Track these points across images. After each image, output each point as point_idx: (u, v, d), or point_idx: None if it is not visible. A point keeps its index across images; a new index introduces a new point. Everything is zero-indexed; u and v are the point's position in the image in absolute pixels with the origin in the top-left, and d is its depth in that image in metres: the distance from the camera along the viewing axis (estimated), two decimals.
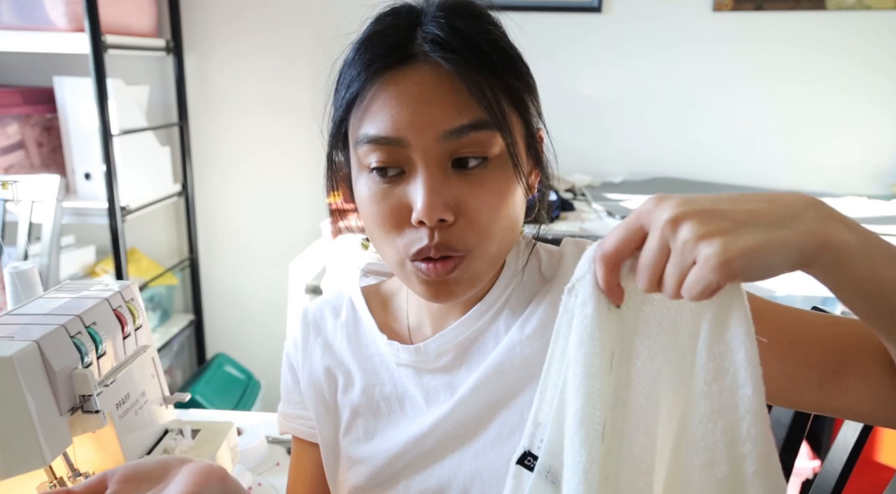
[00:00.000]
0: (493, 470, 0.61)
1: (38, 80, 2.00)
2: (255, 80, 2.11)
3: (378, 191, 0.58)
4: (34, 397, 0.59)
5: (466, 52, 0.55)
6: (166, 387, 0.84)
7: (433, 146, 0.55)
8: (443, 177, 0.56)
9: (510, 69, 0.58)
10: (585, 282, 0.46)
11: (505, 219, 0.58)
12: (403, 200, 0.57)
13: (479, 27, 0.57)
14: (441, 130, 0.54)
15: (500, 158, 0.57)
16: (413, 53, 0.56)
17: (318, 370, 0.72)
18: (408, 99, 0.55)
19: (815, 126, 2.01)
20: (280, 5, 2.05)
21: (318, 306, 0.76)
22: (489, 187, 0.56)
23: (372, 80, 0.56)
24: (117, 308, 0.74)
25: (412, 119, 0.55)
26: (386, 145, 0.56)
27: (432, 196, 0.54)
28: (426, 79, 0.55)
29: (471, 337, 0.66)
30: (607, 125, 2.07)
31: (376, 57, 0.56)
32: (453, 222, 0.56)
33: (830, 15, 1.92)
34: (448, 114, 0.54)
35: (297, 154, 2.15)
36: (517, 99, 0.58)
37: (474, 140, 0.55)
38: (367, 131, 0.57)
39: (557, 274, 0.66)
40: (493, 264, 0.60)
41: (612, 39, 2.00)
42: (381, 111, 0.56)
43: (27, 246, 1.42)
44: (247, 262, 2.26)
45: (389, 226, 0.58)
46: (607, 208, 1.71)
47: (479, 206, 0.56)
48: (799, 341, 0.55)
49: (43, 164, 1.95)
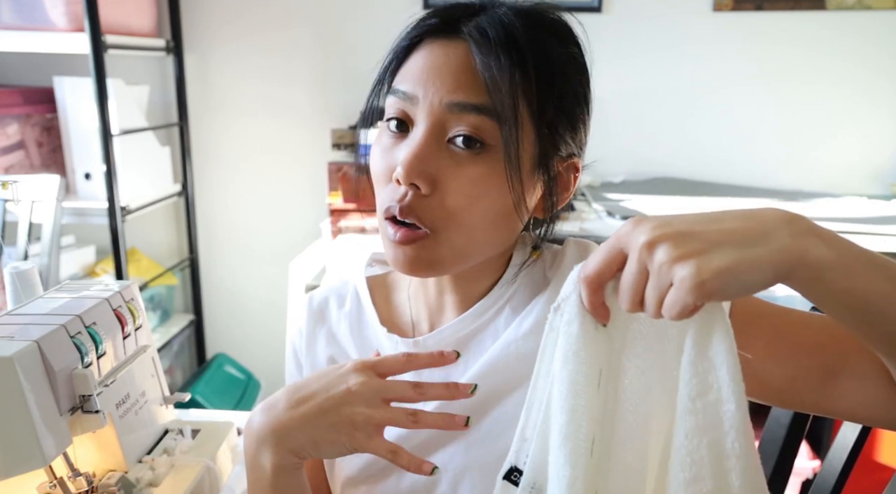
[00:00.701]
0: (483, 465, 0.61)
1: (38, 80, 2.00)
2: (255, 79, 2.11)
3: (384, 143, 0.60)
4: (34, 397, 0.59)
5: (502, 45, 0.56)
6: (166, 387, 0.84)
7: (435, 110, 0.57)
8: (434, 145, 0.57)
9: (548, 79, 0.58)
10: (571, 302, 0.47)
11: (482, 213, 0.58)
12: (398, 156, 0.58)
13: (534, 32, 0.58)
14: (445, 99, 0.56)
15: (496, 153, 0.57)
16: (459, 31, 0.58)
17: (322, 359, 0.72)
18: (432, 65, 0.58)
19: (815, 126, 2.01)
20: (280, 5, 2.05)
21: (324, 294, 0.76)
22: (473, 173, 0.57)
23: (419, 42, 0.60)
24: (117, 308, 0.74)
25: (428, 79, 0.57)
26: (402, 98, 0.58)
27: (414, 159, 0.56)
28: (456, 53, 0.57)
29: (470, 333, 0.66)
30: (607, 125, 2.06)
31: (430, 24, 0.60)
32: (428, 195, 0.57)
33: (830, 15, 1.92)
34: (457, 88, 0.56)
35: (297, 154, 2.15)
36: (540, 108, 0.58)
37: (474, 122, 0.56)
38: (396, 85, 0.60)
39: (558, 274, 0.66)
40: (461, 254, 0.60)
41: (612, 39, 2.00)
42: (411, 69, 0.59)
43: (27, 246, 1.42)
44: (247, 262, 2.26)
45: (382, 180, 0.60)
46: (607, 208, 1.71)
47: (455, 187, 0.57)
48: (798, 344, 0.55)
49: (43, 164, 1.95)
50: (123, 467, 0.73)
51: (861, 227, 1.55)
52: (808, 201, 1.84)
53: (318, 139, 2.10)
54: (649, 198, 1.81)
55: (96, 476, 0.72)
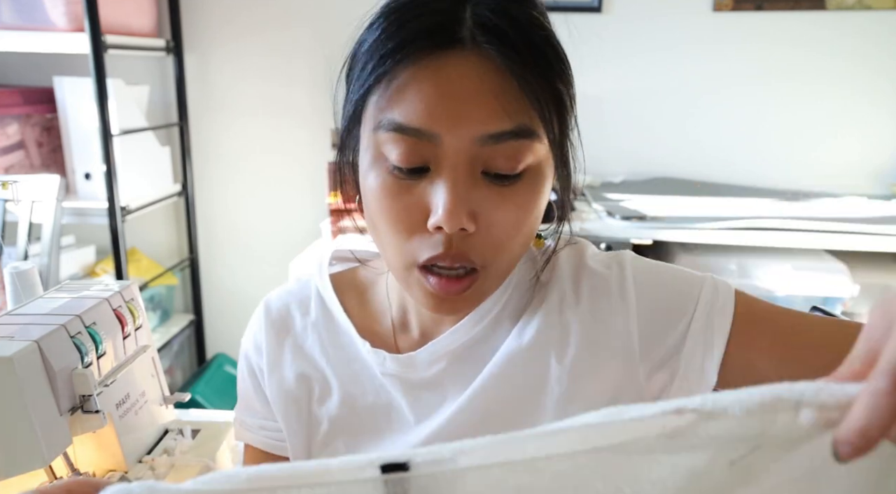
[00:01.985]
0: None
1: (38, 80, 2.00)
2: (255, 80, 2.11)
3: (393, 185, 0.51)
4: (34, 397, 0.59)
5: (521, 45, 0.48)
6: (166, 387, 0.84)
7: (467, 147, 0.49)
8: (471, 183, 0.50)
9: (559, 70, 0.51)
10: (719, 427, 0.31)
11: (525, 235, 0.54)
12: (421, 201, 0.50)
13: (533, 18, 0.50)
14: (480, 132, 0.48)
15: (534, 169, 0.52)
16: (460, 37, 0.48)
17: (289, 377, 0.65)
18: (449, 90, 0.48)
19: (815, 126, 2.01)
20: (280, 5, 2.05)
21: (282, 300, 0.68)
22: (517, 200, 0.51)
23: (407, 61, 0.49)
24: (117, 308, 0.74)
25: (450, 114, 0.48)
26: (414, 137, 0.49)
27: (457, 202, 0.48)
28: (473, 70, 0.48)
29: (465, 345, 0.61)
30: (607, 125, 2.06)
31: (416, 35, 0.48)
32: (473, 233, 0.51)
33: (830, 15, 1.92)
34: (491, 115, 0.48)
35: (297, 154, 2.15)
36: (561, 103, 0.52)
37: (513, 148, 0.49)
38: (394, 117, 0.49)
39: (553, 278, 0.62)
40: (502, 279, 0.57)
41: (612, 39, 2.00)
42: (416, 99, 0.48)
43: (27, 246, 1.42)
44: (247, 262, 2.26)
45: (400, 226, 0.52)
46: (607, 208, 1.71)
47: (502, 220, 0.51)
48: (801, 345, 0.54)
49: (43, 164, 1.95)
50: (123, 467, 0.73)
51: (861, 227, 1.55)
52: (808, 201, 1.84)
53: (318, 139, 2.10)
54: (649, 198, 1.81)
55: (96, 476, 0.71)
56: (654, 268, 0.62)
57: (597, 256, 0.64)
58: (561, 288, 0.62)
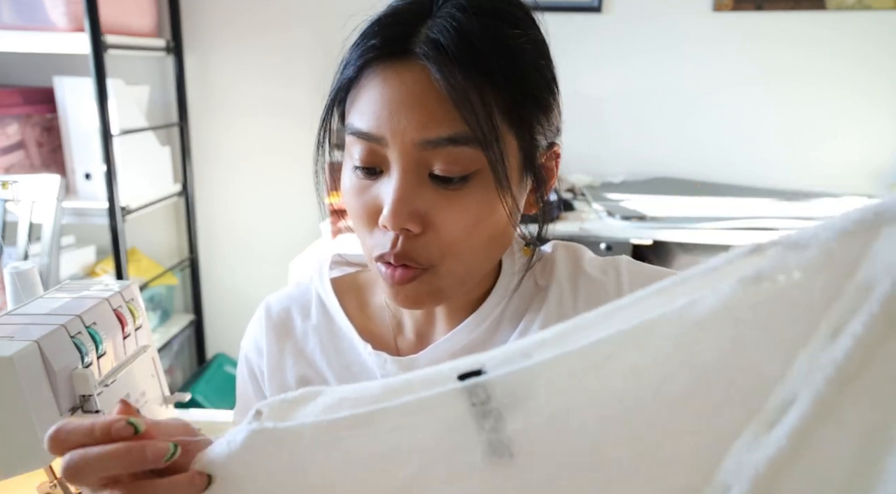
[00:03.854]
0: None
1: (38, 80, 2.00)
2: (255, 80, 2.11)
3: (357, 184, 0.55)
4: (34, 397, 0.58)
5: (464, 58, 0.50)
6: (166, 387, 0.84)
7: (410, 151, 0.52)
8: (416, 185, 0.52)
9: (518, 81, 0.53)
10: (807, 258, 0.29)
11: (479, 238, 0.55)
12: (377, 200, 0.54)
13: (491, 30, 0.52)
14: (418, 138, 0.51)
15: (484, 175, 0.53)
16: (410, 49, 0.52)
17: (291, 380, 0.66)
18: (392, 98, 0.52)
19: (815, 126, 2.01)
20: (280, 6, 2.05)
21: (283, 304, 0.69)
22: (464, 204, 0.53)
23: (366, 68, 0.54)
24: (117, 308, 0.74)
25: (391, 119, 0.52)
26: (367, 141, 0.53)
27: (399, 203, 0.52)
28: (415, 80, 0.51)
29: (466, 348, 0.61)
30: (607, 125, 2.07)
31: (375, 45, 0.53)
32: (420, 233, 0.53)
33: (830, 15, 1.92)
34: (427, 122, 0.51)
35: (297, 154, 2.15)
36: (517, 114, 0.53)
37: (454, 154, 0.51)
38: (353, 121, 0.54)
39: (552, 281, 0.63)
40: (462, 281, 0.57)
41: (612, 39, 2.00)
42: (368, 104, 0.53)
43: (27, 246, 1.42)
44: (247, 262, 2.26)
45: (364, 221, 0.56)
46: (607, 208, 1.71)
47: (449, 223, 0.53)
48: None
49: (43, 164, 1.95)
50: None
51: None
52: (808, 201, 1.84)
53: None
54: (649, 198, 1.81)
55: None
56: (649, 273, 0.62)
57: (594, 261, 0.64)
58: (559, 292, 0.62)
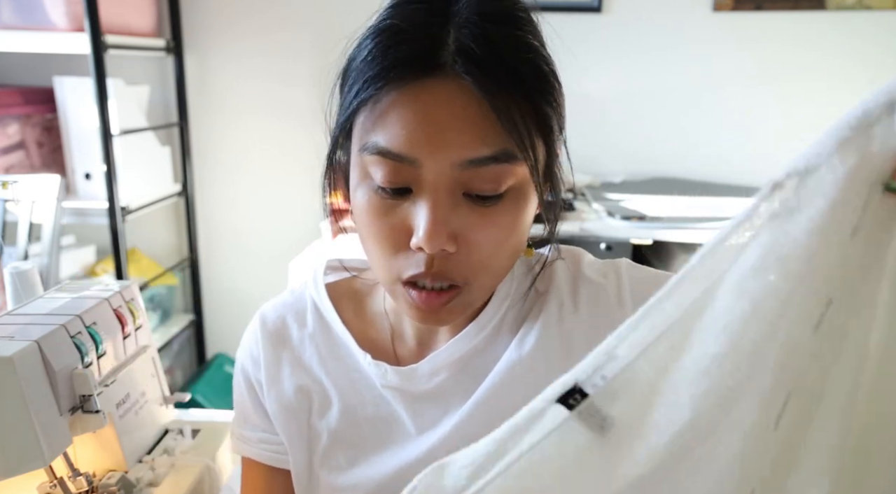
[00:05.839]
0: None
1: (38, 80, 2.00)
2: (256, 80, 2.11)
3: (379, 204, 0.52)
4: (34, 397, 0.59)
5: (501, 71, 0.48)
6: (166, 387, 0.84)
7: (447, 172, 0.49)
8: (451, 205, 0.50)
9: (544, 91, 0.52)
10: (817, 179, 0.28)
11: (508, 251, 0.54)
12: (405, 221, 0.52)
13: (517, 40, 0.51)
14: (460, 158, 0.49)
15: (516, 189, 0.52)
16: (441, 64, 0.49)
17: (289, 390, 0.64)
18: (428, 117, 0.49)
19: (815, 126, 1.99)
20: (281, 6, 2.05)
21: (278, 312, 0.68)
22: (499, 221, 0.52)
23: (390, 87, 0.49)
24: (117, 308, 0.74)
25: (430, 140, 0.49)
26: (396, 161, 0.50)
27: (437, 224, 0.49)
28: (453, 97, 0.48)
29: (466, 356, 0.61)
30: (607, 125, 2.07)
31: (399, 61, 0.49)
32: (455, 252, 0.51)
33: (830, 15, 1.92)
34: (470, 141, 0.49)
35: (297, 154, 2.15)
36: (546, 125, 0.52)
37: (493, 172, 0.50)
38: (377, 141, 0.50)
39: (551, 288, 0.62)
40: (487, 293, 0.57)
41: (612, 39, 2.00)
42: (397, 124, 0.49)
43: (27, 246, 1.42)
44: (247, 262, 2.26)
45: (385, 244, 0.53)
46: (607, 208, 1.71)
47: (482, 239, 0.52)
48: None
49: (43, 164, 1.95)
50: (123, 467, 0.73)
51: None
52: None
53: (318, 139, 2.10)
54: (649, 198, 1.81)
55: (96, 476, 0.71)
56: (650, 276, 0.62)
57: (593, 265, 0.64)
58: (559, 297, 0.62)
